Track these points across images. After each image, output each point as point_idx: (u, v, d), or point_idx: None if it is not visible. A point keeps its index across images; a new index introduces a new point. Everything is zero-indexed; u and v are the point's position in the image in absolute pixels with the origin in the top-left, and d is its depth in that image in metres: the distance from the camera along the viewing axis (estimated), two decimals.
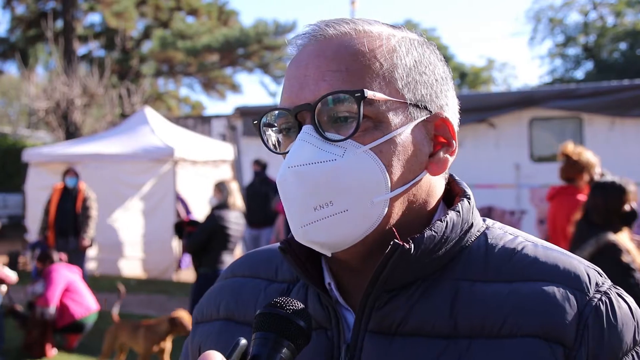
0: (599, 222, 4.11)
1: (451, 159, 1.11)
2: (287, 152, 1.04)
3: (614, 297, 1.03)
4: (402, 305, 1.04)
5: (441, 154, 1.09)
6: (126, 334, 6.81)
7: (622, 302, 1.03)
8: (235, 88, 34.48)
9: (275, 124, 1.09)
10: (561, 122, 10.97)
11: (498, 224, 1.16)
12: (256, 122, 1.10)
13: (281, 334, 0.93)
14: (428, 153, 1.08)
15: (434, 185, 1.11)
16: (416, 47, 1.10)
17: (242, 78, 78.43)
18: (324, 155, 1.00)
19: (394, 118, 1.03)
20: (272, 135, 1.10)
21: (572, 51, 38.62)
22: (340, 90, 1.00)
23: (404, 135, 1.03)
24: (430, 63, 1.10)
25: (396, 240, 1.00)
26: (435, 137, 1.09)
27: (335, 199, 0.99)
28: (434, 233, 1.03)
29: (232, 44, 30.19)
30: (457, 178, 1.18)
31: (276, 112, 1.07)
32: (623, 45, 35.69)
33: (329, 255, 1.05)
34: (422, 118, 1.06)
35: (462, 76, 42.59)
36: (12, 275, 7.73)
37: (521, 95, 11.46)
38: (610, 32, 35.66)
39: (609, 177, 4.49)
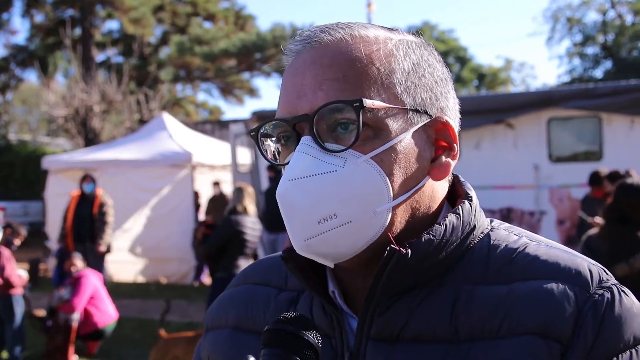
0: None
1: (453, 163, 1.08)
2: (287, 164, 1.02)
3: (616, 292, 0.99)
4: (403, 311, 1.02)
5: (443, 158, 1.07)
6: (182, 349, 6.37)
7: (626, 298, 0.99)
8: (253, 92, 34.53)
9: (274, 134, 1.07)
10: (580, 122, 10.89)
11: (505, 225, 1.13)
12: (253, 133, 1.08)
13: (289, 349, 0.92)
14: (430, 158, 1.06)
15: (436, 190, 1.09)
16: (414, 49, 1.08)
17: (260, 82, 78.85)
18: (324, 166, 0.98)
19: (394, 125, 1.01)
20: (271, 145, 1.08)
21: (590, 50, 38.40)
22: (338, 101, 0.98)
23: (405, 141, 1.02)
24: (429, 65, 1.08)
25: (392, 246, 0.98)
26: (437, 141, 1.08)
27: (338, 211, 0.97)
28: (431, 237, 1.01)
29: (250, 48, 30.25)
30: (461, 179, 1.15)
31: (274, 122, 1.06)
32: None
33: (332, 266, 1.04)
34: (423, 123, 1.05)
35: (481, 77, 42.42)
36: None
37: (539, 95, 11.40)
38: (629, 31, 35.41)
39: (636, 179, 4.45)
